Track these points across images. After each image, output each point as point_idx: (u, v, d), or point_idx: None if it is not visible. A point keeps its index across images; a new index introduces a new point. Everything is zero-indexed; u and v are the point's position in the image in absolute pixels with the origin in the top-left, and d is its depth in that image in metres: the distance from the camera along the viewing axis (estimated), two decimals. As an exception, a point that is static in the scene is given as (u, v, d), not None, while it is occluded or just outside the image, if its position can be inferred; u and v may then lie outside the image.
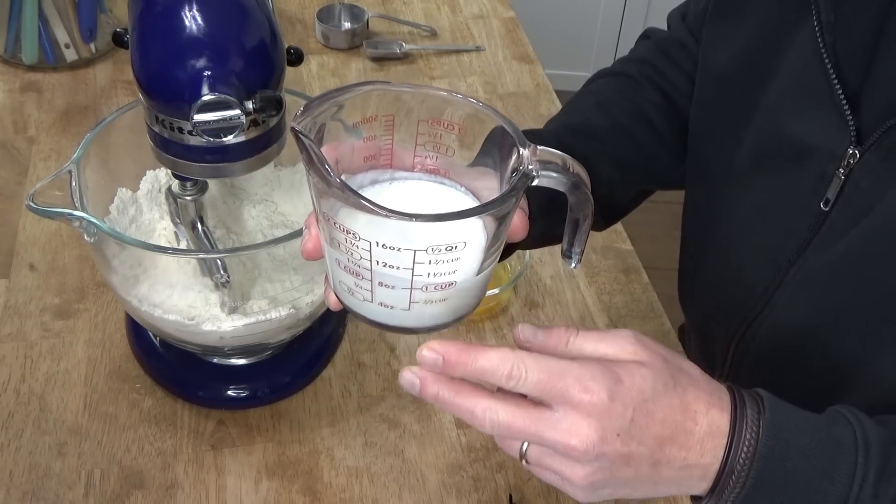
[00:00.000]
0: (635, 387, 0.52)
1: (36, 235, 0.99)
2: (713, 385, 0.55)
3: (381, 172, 0.57)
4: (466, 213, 0.49)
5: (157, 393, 0.85)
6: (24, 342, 0.88)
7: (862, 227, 0.66)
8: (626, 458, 0.52)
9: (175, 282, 0.77)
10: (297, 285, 0.78)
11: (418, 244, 0.49)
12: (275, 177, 0.89)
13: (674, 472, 0.54)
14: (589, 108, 0.85)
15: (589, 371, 0.51)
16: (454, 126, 0.55)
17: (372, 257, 0.50)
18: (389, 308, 0.53)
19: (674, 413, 0.53)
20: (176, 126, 0.67)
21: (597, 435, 0.51)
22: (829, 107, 0.67)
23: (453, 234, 0.50)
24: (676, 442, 0.53)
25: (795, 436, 0.54)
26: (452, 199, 0.57)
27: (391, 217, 0.47)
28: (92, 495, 0.77)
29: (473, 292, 0.55)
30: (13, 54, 1.21)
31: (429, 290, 0.52)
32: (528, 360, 0.51)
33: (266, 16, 0.69)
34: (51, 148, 1.10)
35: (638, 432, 0.52)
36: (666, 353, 0.55)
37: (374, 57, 1.29)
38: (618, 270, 1.00)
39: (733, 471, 0.53)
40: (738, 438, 0.53)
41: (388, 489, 0.79)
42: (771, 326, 0.76)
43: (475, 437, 0.83)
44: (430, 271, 0.51)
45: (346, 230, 0.50)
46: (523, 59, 1.32)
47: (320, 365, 0.88)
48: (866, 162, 0.66)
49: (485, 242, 0.52)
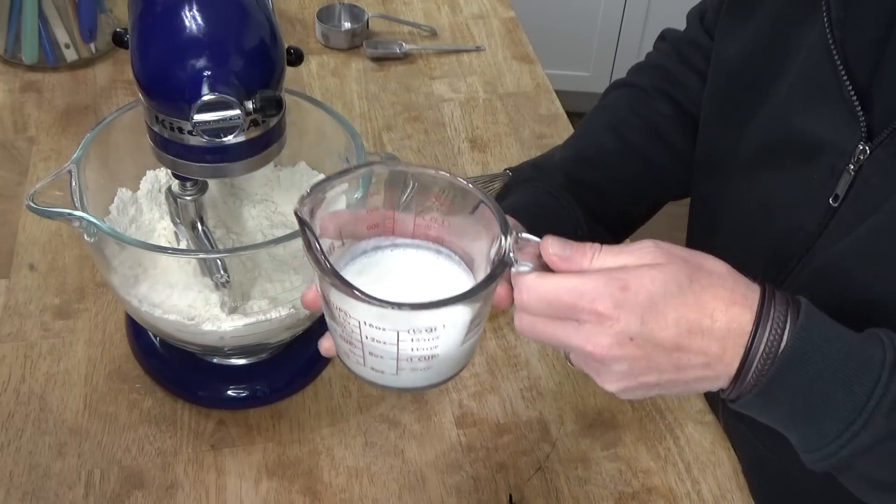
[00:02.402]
0: (643, 290, 0.53)
1: (36, 235, 0.99)
2: (740, 283, 0.56)
3: (383, 239, 0.62)
4: (443, 303, 0.53)
5: (157, 393, 0.85)
6: (24, 342, 0.88)
7: (870, 224, 0.66)
8: (646, 359, 0.55)
9: (175, 282, 0.77)
10: (297, 285, 0.78)
11: (400, 326, 0.54)
12: (275, 177, 0.89)
13: (698, 370, 0.56)
14: (601, 129, 0.87)
15: (593, 283, 0.54)
16: (448, 201, 0.60)
17: (361, 333, 0.56)
18: (380, 372, 0.59)
19: (688, 311, 0.54)
20: (176, 126, 0.67)
21: (609, 341, 0.54)
22: (839, 103, 0.68)
23: (432, 318, 0.55)
24: (694, 340, 0.54)
25: (823, 343, 0.55)
26: (446, 271, 0.62)
27: (373, 304, 0.52)
28: (92, 495, 0.77)
29: (458, 360, 0.60)
30: (13, 54, 1.21)
31: (413, 361, 0.57)
32: (537, 283, 0.55)
33: (266, 16, 0.69)
34: (51, 148, 1.10)
35: (651, 334, 0.54)
36: (688, 254, 0.56)
37: (374, 57, 1.29)
38: (618, 270, 1.00)
39: (753, 365, 0.55)
40: (760, 335, 0.54)
41: (388, 489, 0.79)
42: None
43: (475, 437, 0.83)
44: (413, 347, 0.56)
45: (338, 308, 0.56)
46: (523, 59, 1.32)
47: (320, 365, 0.88)
48: (876, 158, 0.66)
49: (466, 320, 0.57)
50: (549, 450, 0.82)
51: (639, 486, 0.80)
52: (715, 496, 0.80)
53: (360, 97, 1.23)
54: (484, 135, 1.18)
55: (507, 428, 0.84)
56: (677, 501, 0.80)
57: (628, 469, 0.81)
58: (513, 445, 0.83)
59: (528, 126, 1.20)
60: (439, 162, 1.13)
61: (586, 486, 0.80)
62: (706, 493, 0.80)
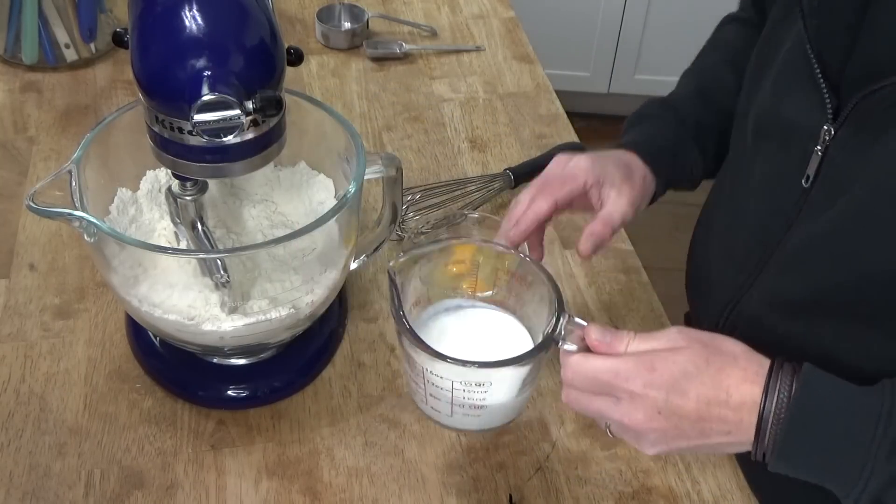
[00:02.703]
0: (668, 372, 0.62)
1: (36, 235, 0.99)
2: (752, 362, 0.63)
3: (465, 299, 0.75)
4: (489, 365, 0.64)
5: (157, 393, 0.85)
6: (24, 342, 0.88)
7: (840, 206, 0.69)
8: (675, 429, 0.63)
9: (175, 282, 0.77)
10: (297, 285, 0.78)
11: (454, 377, 0.65)
12: (275, 177, 0.89)
13: (721, 436, 0.63)
14: (722, 64, 0.93)
15: (626, 365, 0.63)
16: (522, 278, 0.72)
17: (424, 377, 0.67)
18: (438, 412, 0.70)
19: (706, 389, 0.62)
20: (176, 126, 0.67)
21: (642, 415, 0.63)
22: (811, 87, 0.71)
23: (480, 375, 0.65)
24: (713, 411, 0.62)
25: (824, 404, 0.61)
26: (511, 334, 0.73)
27: (432, 357, 0.65)
28: (92, 495, 0.77)
29: (507, 411, 0.70)
30: (13, 54, 1.21)
31: (465, 408, 0.68)
32: (580, 363, 0.64)
33: (266, 16, 0.69)
34: (51, 148, 1.10)
35: (675, 408, 0.62)
36: (708, 338, 0.64)
37: (374, 57, 1.29)
38: (618, 270, 1.00)
39: (767, 430, 0.62)
40: (769, 405, 0.61)
41: (388, 489, 0.79)
42: (757, 303, 0.79)
43: (475, 437, 0.83)
44: (464, 395, 0.67)
45: (409, 353, 0.68)
46: (523, 59, 1.32)
47: (320, 365, 0.88)
48: (840, 137, 0.69)
49: (515, 379, 0.67)
50: (549, 450, 0.82)
51: (639, 486, 0.80)
52: (715, 496, 0.80)
53: (360, 97, 1.23)
54: (484, 135, 1.18)
55: (507, 428, 0.84)
56: (677, 501, 0.80)
57: (628, 469, 0.81)
58: (513, 445, 0.83)
59: (528, 126, 1.20)
60: (439, 162, 1.13)
61: (586, 486, 0.80)
62: (706, 494, 0.80)
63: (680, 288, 0.98)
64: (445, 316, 0.74)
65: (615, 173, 0.80)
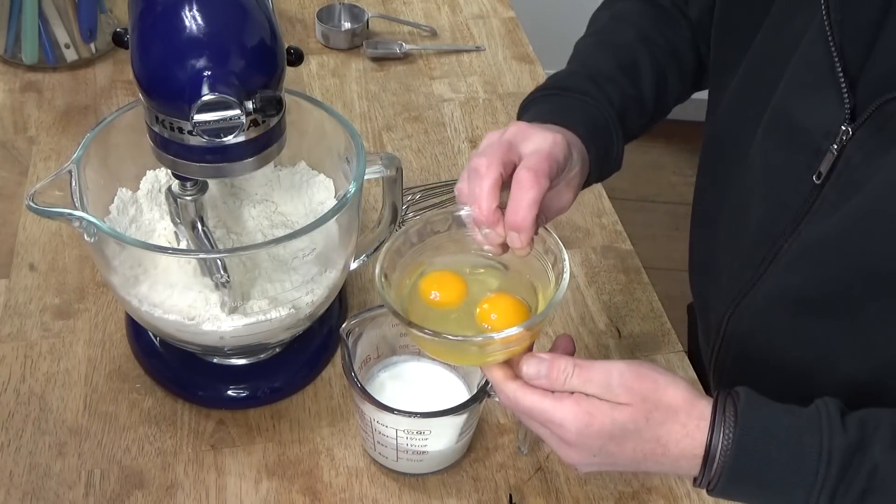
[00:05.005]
0: (605, 428, 0.62)
1: (36, 235, 0.99)
2: (693, 414, 0.63)
3: (414, 356, 0.82)
4: (428, 415, 0.72)
5: (157, 393, 0.85)
6: (24, 342, 0.88)
7: (853, 204, 0.68)
8: (610, 465, 0.65)
9: (175, 282, 0.77)
10: (297, 285, 0.78)
11: (397, 426, 0.73)
12: (275, 177, 0.89)
13: (660, 470, 0.65)
14: (636, 43, 0.88)
15: (562, 413, 0.62)
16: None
17: (372, 427, 0.75)
18: (385, 457, 0.78)
19: (644, 444, 0.63)
20: (176, 126, 0.67)
21: (576, 455, 0.64)
22: (829, 84, 0.69)
23: (419, 424, 0.73)
24: (650, 461, 0.64)
25: (765, 447, 0.62)
26: (449, 386, 0.81)
27: (378, 409, 0.72)
28: (92, 495, 0.77)
29: (447, 456, 0.79)
30: (13, 54, 1.21)
31: (409, 453, 0.76)
32: (516, 397, 0.64)
33: (266, 16, 0.69)
34: (51, 148, 1.10)
35: (611, 456, 0.64)
36: (650, 389, 0.63)
37: (374, 57, 1.29)
38: (618, 270, 1.00)
39: (710, 481, 0.64)
40: (711, 460, 0.62)
41: (388, 489, 0.79)
42: (765, 298, 0.78)
43: (475, 437, 0.83)
44: (407, 442, 0.75)
45: (358, 405, 0.76)
46: (523, 59, 1.32)
47: (320, 365, 0.88)
48: (858, 138, 0.68)
49: (452, 427, 0.75)
50: (550, 450, 0.82)
51: (639, 486, 0.80)
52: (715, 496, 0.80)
53: (360, 97, 1.23)
54: (484, 135, 1.18)
55: (507, 428, 0.84)
56: (677, 501, 0.80)
57: (628, 469, 0.81)
58: (513, 445, 0.83)
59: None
60: (439, 162, 1.13)
61: (586, 486, 0.80)
62: (706, 494, 0.80)
63: (680, 288, 0.98)
64: (391, 370, 0.82)
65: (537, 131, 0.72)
